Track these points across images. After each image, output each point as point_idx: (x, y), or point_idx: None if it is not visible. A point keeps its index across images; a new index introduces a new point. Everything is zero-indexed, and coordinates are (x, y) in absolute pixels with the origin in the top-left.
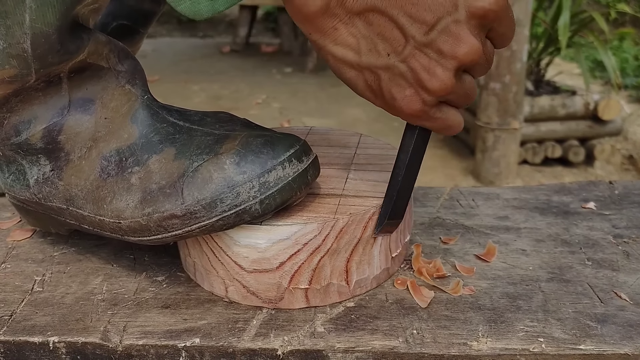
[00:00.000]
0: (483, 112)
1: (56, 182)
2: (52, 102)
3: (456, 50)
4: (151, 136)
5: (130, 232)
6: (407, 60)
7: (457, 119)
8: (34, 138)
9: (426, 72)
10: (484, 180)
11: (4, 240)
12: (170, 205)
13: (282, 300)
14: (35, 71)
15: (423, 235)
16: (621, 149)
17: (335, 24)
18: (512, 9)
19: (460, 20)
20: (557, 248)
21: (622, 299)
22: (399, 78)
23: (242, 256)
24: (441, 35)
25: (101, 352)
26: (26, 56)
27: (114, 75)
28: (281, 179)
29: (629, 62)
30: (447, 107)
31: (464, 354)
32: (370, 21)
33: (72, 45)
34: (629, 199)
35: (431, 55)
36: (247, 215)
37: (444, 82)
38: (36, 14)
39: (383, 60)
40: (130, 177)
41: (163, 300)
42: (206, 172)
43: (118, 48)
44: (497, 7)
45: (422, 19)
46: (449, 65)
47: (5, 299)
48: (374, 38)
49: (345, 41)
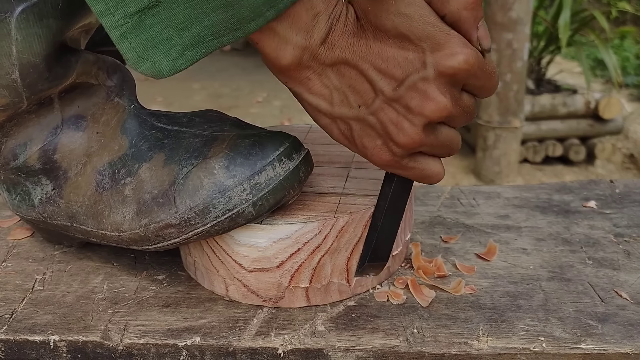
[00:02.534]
0: (484, 110)
1: (58, 200)
2: (45, 123)
3: (423, 107)
4: (140, 144)
5: (132, 243)
6: (377, 113)
7: (434, 169)
8: (32, 160)
9: (394, 126)
10: (484, 179)
11: (4, 238)
12: (165, 215)
13: (283, 299)
14: (26, 98)
15: (424, 234)
16: (622, 147)
17: (309, 75)
18: (513, 7)
19: (429, 78)
20: (557, 247)
21: (622, 298)
22: (369, 129)
23: (242, 255)
24: (409, 91)
25: (102, 350)
26: (16, 86)
27: (104, 91)
28: (272, 179)
29: (630, 61)
30: (423, 157)
31: (465, 353)
32: (342, 73)
33: (60, 70)
34: (630, 198)
35: (399, 110)
36: (241, 219)
37: (411, 137)
38: (22, 45)
39: (354, 112)
40: (124, 189)
41: (164, 299)
42: (196, 178)
43: (107, 64)
44: (468, 66)
45: (391, 74)
46: (417, 121)
47: (6, 297)
48: (346, 90)
49: (318, 91)
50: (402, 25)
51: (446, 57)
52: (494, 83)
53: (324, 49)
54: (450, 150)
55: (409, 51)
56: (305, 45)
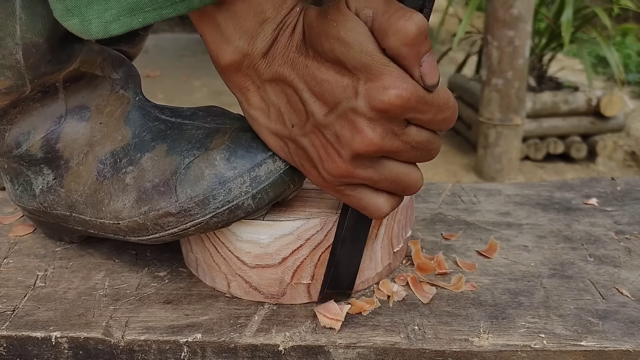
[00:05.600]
0: (485, 108)
1: (58, 189)
2: (49, 112)
3: (352, 139)
4: (143, 135)
5: (130, 232)
6: (308, 135)
7: (373, 202)
8: (34, 148)
9: (324, 151)
10: (485, 177)
11: (6, 235)
12: (165, 203)
13: (285, 296)
14: (29, 81)
15: (425, 231)
16: (623, 145)
17: (248, 85)
18: (515, 5)
19: (359, 109)
20: (558, 244)
21: (623, 295)
22: (301, 150)
23: (244, 251)
24: (339, 119)
25: (103, 347)
26: (19, 67)
27: (109, 83)
28: (272, 172)
29: (632, 58)
30: (363, 189)
31: (465, 349)
32: (279, 90)
33: (63, 55)
34: (631, 195)
35: (329, 137)
36: (240, 211)
37: (339, 167)
38: (27, 24)
39: (287, 131)
40: (125, 177)
41: (165, 295)
42: (197, 168)
43: (112, 56)
44: (401, 102)
45: (323, 98)
46: (344, 152)
47: (7, 294)
48: (282, 107)
49: (257, 104)
50: (338, 51)
51: (378, 91)
52: (446, 116)
53: (264, 61)
54: (399, 186)
55: (344, 77)
56: (247, 52)
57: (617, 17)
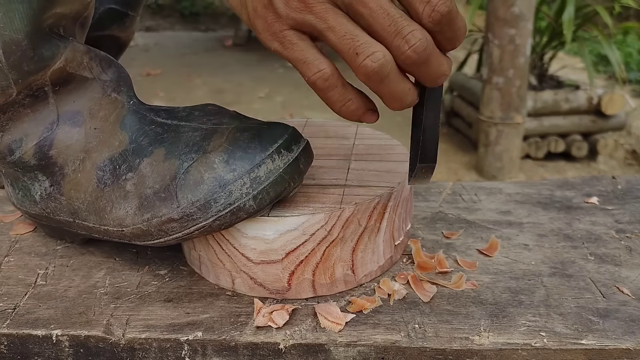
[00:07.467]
0: (486, 106)
1: (58, 197)
2: (41, 118)
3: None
4: (140, 140)
5: (135, 238)
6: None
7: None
8: (27, 155)
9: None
10: (486, 175)
11: (7, 233)
12: (167, 210)
13: (290, 291)
14: (14, 82)
15: (425, 229)
16: (624, 143)
17: None
18: (516, 3)
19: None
20: (559, 243)
21: (624, 294)
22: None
23: (249, 248)
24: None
25: (104, 345)
26: (1, 66)
27: (100, 85)
28: (272, 171)
29: (633, 57)
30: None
31: (466, 348)
32: None
33: (46, 52)
34: (632, 194)
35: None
36: (242, 213)
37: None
38: (3, 21)
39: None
40: (125, 184)
41: (165, 293)
42: (197, 173)
43: (99, 57)
44: None
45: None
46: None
47: (8, 292)
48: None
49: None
50: None
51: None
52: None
53: None
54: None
55: None
56: None
57: (619, 16)
